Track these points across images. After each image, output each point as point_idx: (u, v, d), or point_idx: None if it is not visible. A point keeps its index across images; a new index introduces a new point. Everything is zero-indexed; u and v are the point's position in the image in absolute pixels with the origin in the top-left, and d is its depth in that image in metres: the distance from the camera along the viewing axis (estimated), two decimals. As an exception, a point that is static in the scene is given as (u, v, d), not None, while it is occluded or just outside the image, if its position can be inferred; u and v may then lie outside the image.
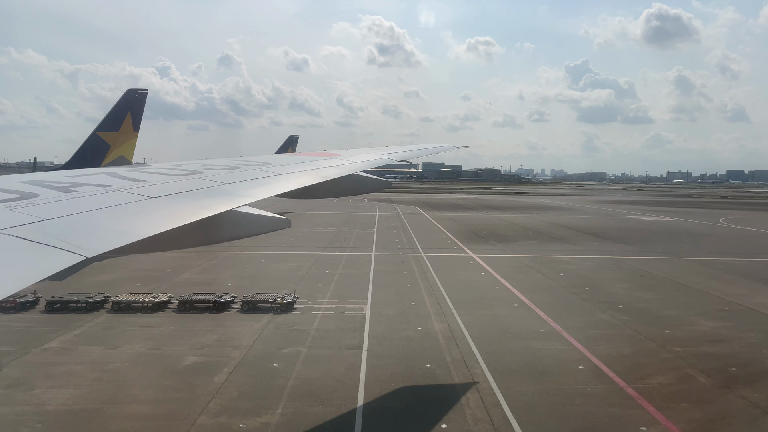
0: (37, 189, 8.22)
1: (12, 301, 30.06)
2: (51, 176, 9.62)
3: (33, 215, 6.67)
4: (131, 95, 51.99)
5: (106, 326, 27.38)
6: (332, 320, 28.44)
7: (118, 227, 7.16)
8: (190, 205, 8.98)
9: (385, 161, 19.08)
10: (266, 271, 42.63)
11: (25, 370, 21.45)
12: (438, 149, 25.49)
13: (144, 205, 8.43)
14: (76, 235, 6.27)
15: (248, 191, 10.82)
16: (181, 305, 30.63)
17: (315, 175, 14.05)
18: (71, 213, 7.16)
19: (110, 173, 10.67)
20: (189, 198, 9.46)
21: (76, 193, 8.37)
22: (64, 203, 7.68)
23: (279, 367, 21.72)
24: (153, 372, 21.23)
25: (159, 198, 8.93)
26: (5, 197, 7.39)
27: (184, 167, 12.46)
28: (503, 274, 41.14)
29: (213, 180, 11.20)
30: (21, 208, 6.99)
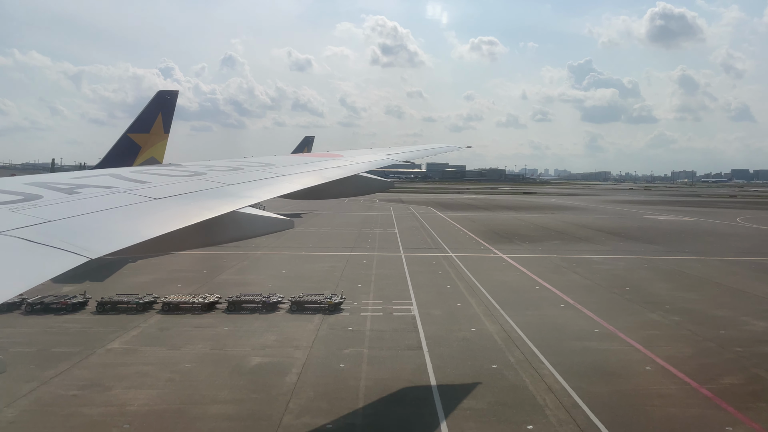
0: (41, 190, 8.25)
1: (63, 302, 30.34)
2: (55, 178, 9.64)
3: (37, 217, 6.70)
4: (162, 97, 52.24)
5: (161, 327, 27.57)
6: (383, 321, 28.59)
7: (122, 228, 7.20)
8: (194, 207, 9.00)
9: (388, 162, 19.08)
10: (301, 271, 42.80)
11: (95, 370, 21.64)
12: (441, 150, 25.46)
13: (148, 207, 8.45)
14: (80, 237, 6.32)
15: (251, 192, 10.84)
16: (231, 306, 30.83)
17: (318, 176, 14.09)
18: (75, 214, 7.19)
19: (114, 175, 10.72)
20: (192, 199, 9.49)
21: (80, 195, 8.38)
22: (67, 205, 7.70)
23: (346, 367, 21.88)
24: (223, 372, 21.41)
25: (163, 199, 8.96)
26: (9, 199, 7.42)
27: (187, 168, 12.52)
28: (539, 275, 41.25)
29: (216, 181, 11.21)
30: (25, 209, 7.01)
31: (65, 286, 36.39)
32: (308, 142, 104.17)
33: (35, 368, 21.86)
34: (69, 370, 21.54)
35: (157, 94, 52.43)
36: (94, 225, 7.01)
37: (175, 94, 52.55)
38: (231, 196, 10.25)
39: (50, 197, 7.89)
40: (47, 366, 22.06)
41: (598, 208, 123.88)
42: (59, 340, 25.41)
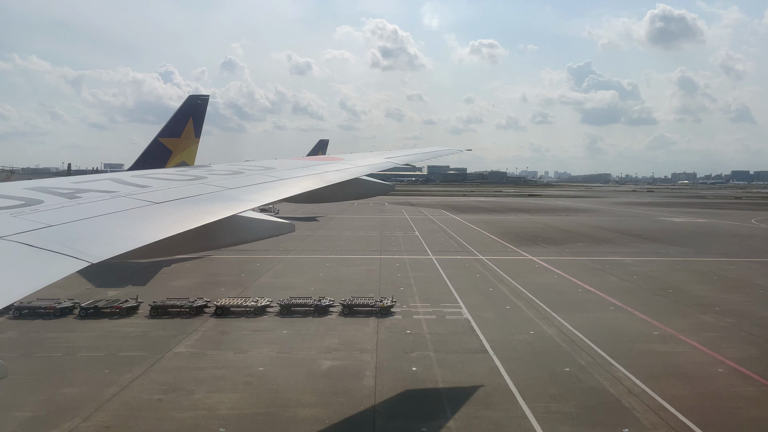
0: (42, 195, 8.24)
1: (117, 306, 30.50)
2: (56, 182, 9.67)
3: (38, 221, 6.70)
4: (193, 101, 52.47)
5: (221, 331, 27.73)
6: (438, 324, 28.75)
7: (123, 233, 7.20)
8: (195, 211, 8.99)
9: (388, 165, 19.10)
10: (339, 275, 42.94)
11: (170, 375, 21.78)
12: (441, 153, 25.34)
13: (148, 211, 8.43)
14: (81, 241, 6.33)
15: (252, 196, 10.80)
16: (283, 309, 31.01)
17: (319, 180, 14.09)
18: (76, 219, 7.21)
19: (114, 179, 10.71)
20: (193, 203, 9.50)
21: (81, 200, 8.41)
22: (68, 209, 7.72)
23: (419, 371, 22.04)
24: (299, 375, 21.56)
25: (163, 203, 8.96)
26: (10, 204, 7.45)
27: (188, 172, 12.53)
28: (577, 277, 41.46)
29: (217, 185, 11.19)
30: (26, 214, 7.02)
31: (110, 290, 36.62)
32: (323, 145, 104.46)
33: (110, 372, 22.02)
34: (145, 375, 21.69)
35: (188, 98, 52.67)
36: (95, 229, 7.03)
37: (206, 98, 52.80)
38: (231, 200, 10.25)
39: (51, 202, 7.91)
40: (121, 370, 22.23)
41: (610, 210, 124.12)
42: (123, 344, 25.57)
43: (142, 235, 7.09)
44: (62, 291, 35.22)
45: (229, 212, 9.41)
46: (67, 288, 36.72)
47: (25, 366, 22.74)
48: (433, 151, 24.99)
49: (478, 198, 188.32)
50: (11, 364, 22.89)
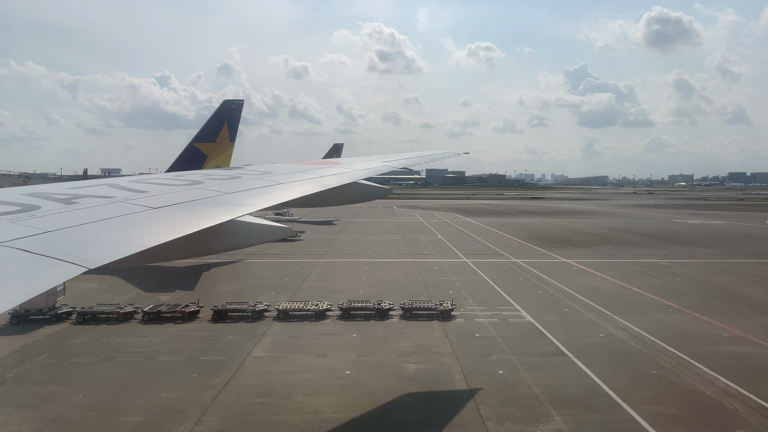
0: (40, 201, 8.22)
1: (180, 311, 30.57)
2: (53, 188, 9.65)
3: (35, 227, 6.67)
4: (227, 106, 52.54)
5: (291, 335, 27.83)
6: (504, 327, 28.90)
7: (120, 238, 7.18)
8: (192, 216, 8.96)
9: (386, 169, 19.20)
10: (381, 278, 43.07)
11: (260, 378, 21.87)
12: (439, 156, 25.36)
13: (146, 216, 8.40)
14: (78, 247, 6.30)
15: (250, 200, 10.80)
16: (344, 313, 31.12)
17: (316, 184, 14.08)
18: (73, 225, 7.17)
19: (112, 184, 10.71)
20: (191, 208, 9.45)
21: (78, 205, 8.35)
22: (66, 215, 7.67)
23: (506, 374, 22.19)
24: (389, 379, 21.69)
25: (161, 208, 8.93)
26: (7, 209, 7.41)
27: (185, 177, 12.49)
28: (620, 279, 41.73)
29: (214, 190, 11.14)
30: (23, 220, 7.00)
31: (160, 295, 36.68)
32: (337, 149, 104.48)
33: (198, 376, 22.12)
34: (235, 379, 21.78)
35: (222, 103, 52.74)
36: (93, 235, 7.01)
37: (241, 103, 52.85)
38: (229, 204, 10.24)
39: (48, 208, 7.88)
40: (209, 374, 22.34)
41: (620, 213, 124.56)
42: (200, 349, 25.65)
43: (139, 241, 7.09)
44: (113, 296, 35.34)
45: (227, 217, 9.47)
46: (115, 293, 36.83)
47: (111, 371, 22.82)
48: (431, 154, 25.10)
49: (482, 201, 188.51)
50: (94, 369, 22.99)
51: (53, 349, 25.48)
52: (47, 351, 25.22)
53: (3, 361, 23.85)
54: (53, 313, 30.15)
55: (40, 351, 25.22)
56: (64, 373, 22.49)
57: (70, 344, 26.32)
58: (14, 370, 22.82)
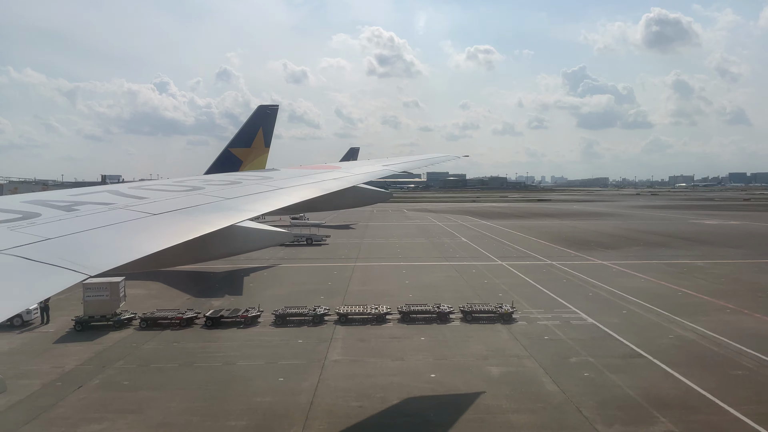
0: (40, 208, 8.20)
1: (242, 316, 30.61)
2: (53, 195, 9.66)
3: (35, 235, 6.67)
4: (262, 111, 52.64)
5: (358, 338, 27.90)
6: (569, 329, 28.95)
7: (120, 245, 7.18)
8: (193, 221, 8.97)
9: (386, 173, 19.29)
10: (424, 281, 43.13)
11: (349, 381, 21.91)
12: (438, 159, 25.56)
13: (146, 222, 8.39)
14: (78, 254, 6.30)
15: (250, 206, 10.81)
16: (404, 316, 31.20)
17: (317, 188, 14.15)
18: (73, 232, 7.14)
19: (112, 191, 10.70)
20: (191, 214, 9.47)
21: (78, 212, 8.34)
22: (66, 222, 7.66)
23: (593, 376, 22.25)
24: (477, 382, 21.75)
25: (161, 215, 8.94)
26: (8, 217, 7.40)
27: (185, 183, 12.49)
28: (665, 280, 41.87)
29: (214, 195, 11.18)
30: (23, 227, 6.99)
31: (212, 299, 36.73)
32: (354, 152, 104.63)
33: (285, 380, 22.18)
34: (322, 383, 21.83)
35: (257, 108, 52.83)
36: (93, 242, 6.99)
37: (276, 108, 52.97)
38: (230, 210, 10.25)
39: (48, 215, 7.88)
40: (294, 378, 22.41)
41: (633, 214, 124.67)
42: (274, 353, 25.71)
43: (139, 247, 7.08)
44: (164, 302, 35.40)
45: (227, 222, 9.47)
46: (165, 298, 36.88)
47: (195, 376, 22.85)
48: (430, 158, 25.20)
49: (489, 204, 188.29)
50: (177, 374, 23.02)
51: (129, 355, 25.50)
52: (123, 357, 25.23)
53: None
54: (117, 319, 30.16)
55: (116, 357, 25.24)
56: (150, 379, 22.51)
57: (144, 350, 26.33)
58: (98, 376, 22.84)
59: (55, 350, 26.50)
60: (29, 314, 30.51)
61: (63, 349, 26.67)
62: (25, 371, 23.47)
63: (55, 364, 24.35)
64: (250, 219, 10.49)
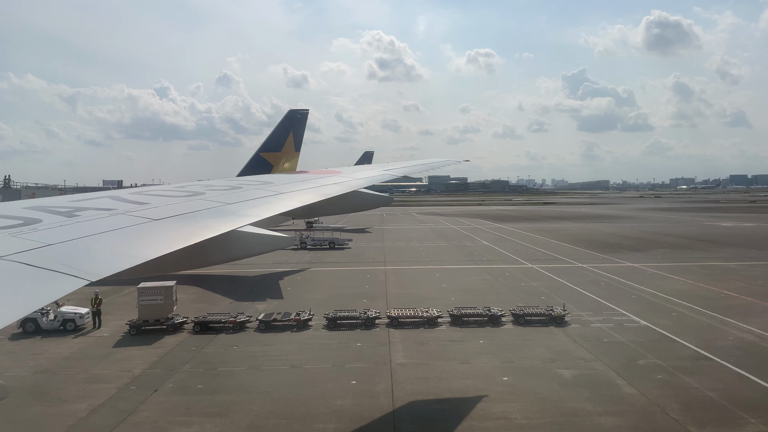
0: (41, 214, 8.20)
1: (296, 319, 30.62)
2: (54, 201, 9.65)
3: (36, 241, 6.66)
4: (293, 115, 52.73)
5: (417, 341, 27.90)
6: (626, 332, 28.96)
7: (122, 251, 7.17)
8: (194, 227, 8.98)
9: (387, 177, 19.31)
10: (461, 284, 43.12)
11: (425, 385, 21.90)
12: (439, 164, 25.52)
13: (147, 228, 8.37)
14: (80, 260, 6.30)
15: (251, 211, 10.81)
16: (455, 320, 31.21)
17: (317, 193, 14.19)
18: (74, 237, 7.15)
19: (113, 197, 10.71)
20: (192, 219, 9.47)
21: (79, 218, 8.34)
22: (67, 228, 7.66)
23: (667, 378, 22.26)
24: (552, 384, 21.73)
25: (162, 220, 8.95)
26: (9, 223, 7.39)
27: (186, 188, 12.49)
28: (704, 282, 41.98)
29: (215, 200, 11.21)
30: (24, 233, 6.98)
31: (255, 304, 36.72)
32: (368, 156, 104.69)
33: (359, 383, 22.18)
34: (397, 385, 21.84)
35: (288, 113, 52.91)
36: (94, 248, 6.97)
37: (306, 112, 53.03)
38: (230, 215, 10.27)
39: (50, 221, 7.88)
40: (367, 381, 22.42)
41: (645, 216, 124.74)
42: (338, 356, 25.70)
43: (140, 253, 7.08)
44: (208, 305, 35.36)
45: (228, 227, 9.49)
46: (207, 302, 36.84)
47: (267, 379, 22.84)
48: (431, 162, 25.27)
49: (496, 207, 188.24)
50: (248, 377, 22.99)
51: (193, 359, 25.47)
52: (188, 361, 25.21)
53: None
54: (170, 323, 30.14)
55: (180, 361, 25.21)
56: (223, 383, 22.49)
57: (206, 354, 26.32)
58: (170, 380, 22.80)
59: (116, 354, 26.47)
60: (82, 319, 30.47)
61: (124, 353, 26.63)
62: (95, 375, 23.44)
63: (123, 368, 24.32)
64: (251, 224, 10.52)
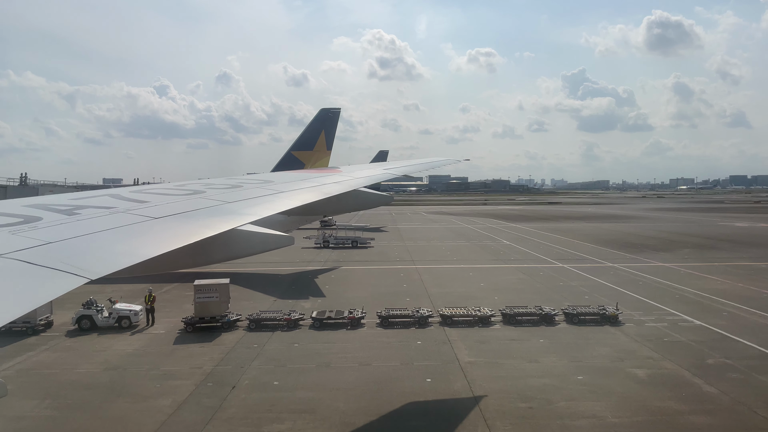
0: (41, 212, 8.17)
1: (351, 317, 30.63)
2: (55, 199, 9.66)
3: (37, 239, 6.64)
4: (324, 114, 52.64)
5: (477, 340, 27.92)
6: (685, 331, 28.98)
7: (122, 249, 7.13)
8: (194, 225, 8.98)
9: (387, 176, 19.30)
10: (496, 283, 43.19)
11: (502, 383, 21.86)
12: (439, 163, 25.47)
13: (147, 226, 8.36)
14: (80, 258, 6.28)
15: (251, 209, 10.82)
16: (510, 318, 31.23)
17: (317, 192, 14.20)
18: (75, 236, 7.12)
19: (113, 195, 10.69)
20: (192, 218, 9.48)
21: (80, 216, 8.30)
22: (67, 226, 7.63)
23: (742, 377, 22.30)
24: (629, 383, 21.73)
25: (162, 218, 8.95)
26: (10, 221, 7.38)
27: (186, 187, 12.49)
28: (741, 282, 42.12)
29: (215, 199, 11.22)
30: (25, 231, 6.97)
31: (299, 301, 36.70)
32: (383, 155, 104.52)
33: (434, 382, 22.18)
34: (474, 384, 21.80)
35: (319, 111, 52.82)
36: (94, 246, 6.95)
37: (338, 111, 52.94)
38: (231, 213, 10.28)
39: (50, 219, 7.86)
40: (442, 379, 22.43)
41: (657, 216, 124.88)
42: (404, 354, 25.69)
43: (141, 251, 7.07)
44: (255, 303, 35.36)
45: (228, 226, 9.50)
46: (252, 300, 36.77)
47: (341, 376, 22.83)
48: (431, 162, 25.24)
49: (501, 206, 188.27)
50: (320, 374, 22.97)
51: (259, 356, 25.44)
52: (254, 358, 25.17)
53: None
54: (226, 321, 30.12)
55: (247, 358, 25.17)
56: (297, 379, 22.48)
57: (269, 351, 26.29)
58: (243, 377, 22.77)
59: (180, 351, 26.45)
60: (136, 316, 30.43)
61: (187, 350, 26.61)
62: (167, 372, 23.45)
63: (192, 365, 24.30)
64: (252, 222, 10.51)
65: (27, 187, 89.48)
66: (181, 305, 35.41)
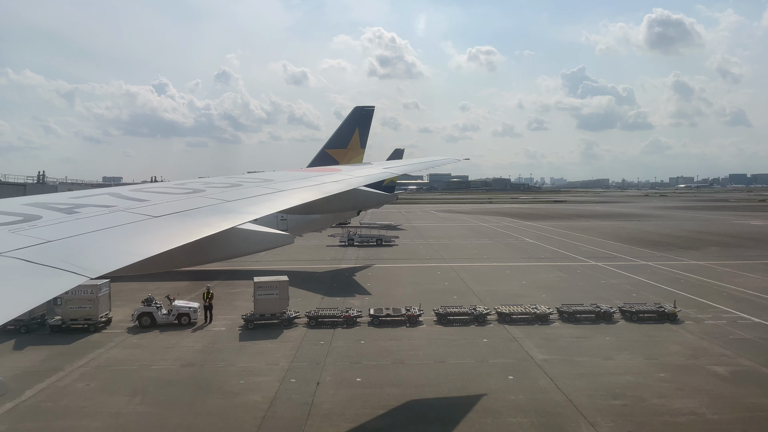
0: (41, 211, 8.19)
1: (408, 315, 30.57)
2: (54, 198, 9.65)
3: (36, 237, 6.65)
4: (358, 112, 52.49)
5: (543, 338, 27.89)
6: (746, 329, 29.00)
7: (121, 247, 7.15)
8: (193, 224, 8.98)
9: (386, 175, 19.32)
10: (538, 281, 43.17)
11: (583, 381, 21.80)
12: (438, 162, 25.33)
13: (147, 225, 8.37)
14: (79, 257, 6.27)
15: (251, 208, 10.84)
16: (568, 316, 31.25)
17: (317, 191, 14.20)
18: (74, 234, 7.12)
19: (113, 194, 10.70)
20: (192, 216, 9.48)
21: (79, 215, 8.30)
22: (67, 225, 7.63)
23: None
24: (714, 380, 21.71)
25: (162, 217, 8.90)
26: (9, 220, 7.39)
27: (186, 186, 12.52)
28: (784, 281, 42.02)
29: (215, 198, 11.23)
30: (24, 230, 6.97)
31: (346, 299, 36.63)
32: (399, 153, 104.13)
33: (516, 379, 22.13)
34: (558, 381, 21.75)
35: (353, 110, 52.67)
36: (94, 244, 6.96)
37: (372, 109, 52.78)
38: (230, 212, 10.29)
39: (49, 217, 7.86)
40: (521, 376, 22.36)
41: (668, 215, 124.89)
42: (475, 352, 25.63)
43: (141, 249, 7.07)
44: (305, 301, 35.30)
45: (228, 225, 9.48)
46: (303, 298, 36.65)
47: (421, 373, 22.76)
48: (430, 161, 25.22)
49: (506, 205, 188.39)
50: (399, 371, 22.90)
51: (330, 353, 25.35)
52: (326, 354, 25.10)
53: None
54: (285, 318, 30.04)
55: (318, 354, 25.11)
56: (378, 375, 22.50)
57: (338, 348, 26.23)
58: (322, 373, 22.69)
59: (249, 348, 26.37)
60: (195, 313, 30.35)
61: (256, 347, 26.53)
62: (245, 368, 23.42)
63: (267, 361, 24.24)
64: (251, 221, 10.50)
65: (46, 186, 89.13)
66: (230, 302, 35.35)
